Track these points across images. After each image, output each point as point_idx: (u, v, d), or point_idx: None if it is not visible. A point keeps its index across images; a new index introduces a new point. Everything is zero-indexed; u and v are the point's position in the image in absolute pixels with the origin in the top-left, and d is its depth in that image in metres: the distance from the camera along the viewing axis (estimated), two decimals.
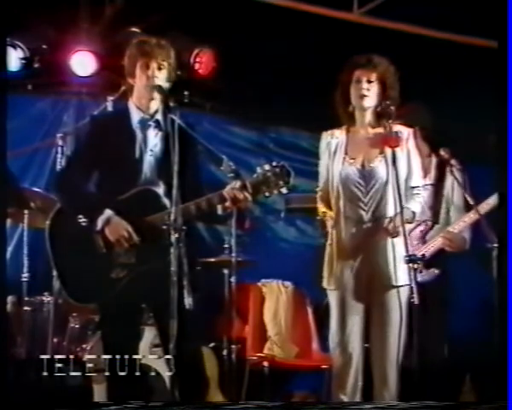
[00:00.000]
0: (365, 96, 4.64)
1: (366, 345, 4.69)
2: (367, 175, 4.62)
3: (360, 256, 4.60)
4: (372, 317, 4.64)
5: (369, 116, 4.70)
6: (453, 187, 5.45)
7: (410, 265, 4.33)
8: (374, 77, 4.64)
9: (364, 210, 4.62)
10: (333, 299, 4.68)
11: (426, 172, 5.17)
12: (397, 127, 4.63)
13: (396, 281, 4.57)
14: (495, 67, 4.44)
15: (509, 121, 4.28)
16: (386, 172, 4.59)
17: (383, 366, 4.59)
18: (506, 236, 4.29)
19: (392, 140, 4.56)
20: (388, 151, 4.58)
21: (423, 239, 5.25)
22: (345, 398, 4.58)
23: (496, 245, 5.08)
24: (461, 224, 5.27)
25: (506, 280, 4.26)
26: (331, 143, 4.72)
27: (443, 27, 6.66)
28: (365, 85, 4.64)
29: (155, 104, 4.56)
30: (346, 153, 4.67)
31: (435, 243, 5.26)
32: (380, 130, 4.66)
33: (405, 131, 4.68)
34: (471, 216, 5.21)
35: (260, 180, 4.38)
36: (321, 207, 4.76)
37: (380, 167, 4.61)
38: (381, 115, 4.66)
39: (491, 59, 4.76)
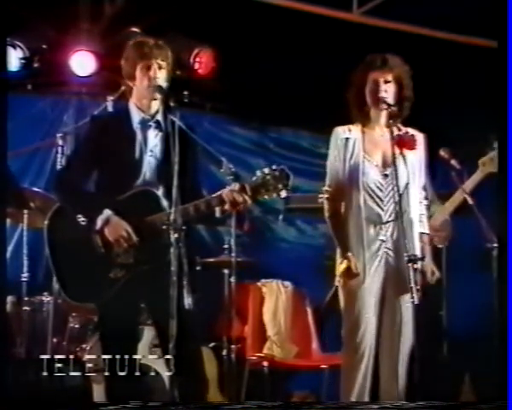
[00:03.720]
0: (383, 97, 4.63)
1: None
2: (388, 175, 4.61)
3: (379, 256, 4.60)
4: (385, 317, 4.62)
5: (384, 116, 4.68)
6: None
7: (410, 265, 4.34)
8: (390, 77, 4.63)
9: (383, 209, 4.61)
10: (347, 296, 4.66)
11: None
12: (410, 131, 4.63)
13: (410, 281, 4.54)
14: (495, 67, 4.44)
15: (509, 121, 4.27)
16: (406, 174, 4.57)
17: (394, 366, 4.58)
18: (506, 236, 4.29)
19: (410, 142, 4.57)
20: (407, 153, 4.58)
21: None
22: (353, 398, 4.57)
23: (496, 245, 5.08)
24: (447, 208, 5.22)
25: (506, 280, 4.25)
26: (349, 138, 4.68)
27: (443, 27, 6.66)
28: (383, 87, 4.63)
29: (156, 105, 4.56)
30: (364, 150, 4.66)
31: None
32: (395, 130, 4.63)
33: (418, 136, 4.68)
34: (457, 196, 5.17)
35: (259, 183, 4.37)
36: (331, 206, 4.71)
37: (400, 168, 4.58)
38: (396, 116, 4.64)
39: (491, 59, 4.76)
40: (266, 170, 4.38)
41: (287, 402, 6.11)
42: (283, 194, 4.38)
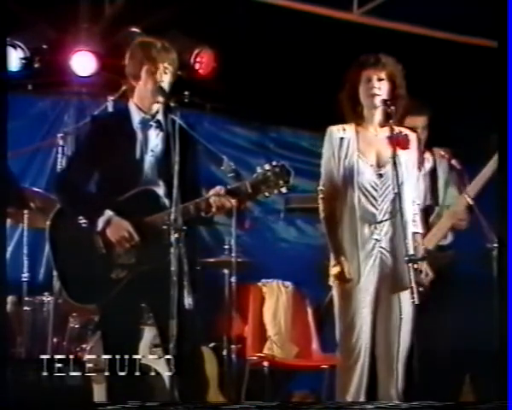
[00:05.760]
0: (377, 94, 4.63)
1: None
2: (383, 174, 4.62)
3: (373, 255, 4.60)
4: (381, 316, 4.62)
5: (378, 115, 4.69)
6: (449, 170, 5.45)
7: (410, 265, 4.33)
8: (384, 75, 4.64)
9: (378, 209, 4.61)
10: (342, 296, 4.66)
11: (420, 166, 5.14)
12: (403, 130, 4.64)
13: (408, 280, 4.54)
14: (495, 67, 4.44)
15: (509, 121, 4.27)
16: (400, 173, 4.57)
17: (391, 365, 4.58)
18: (506, 236, 4.29)
19: (403, 142, 4.57)
20: (401, 153, 4.58)
21: (427, 223, 5.22)
22: (349, 398, 4.57)
23: (496, 245, 5.08)
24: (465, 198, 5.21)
25: (506, 280, 4.26)
26: (344, 137, 4.69)
27: (443, 27, 6.66)
28: (376, 84, 4.63)
29: (157, 105, 4.56)
30: (358, 150, 4.67)
31: (443, 226, 5.22)
32: (388, 129, 4.64)
33: (411, 135, 4.68)
34: (477, 181, 5.18)
35: (260, 180, 4.37)
36: (326, 207, 4.71)
37: (395, 168, 4.58)
38: (390, 115, 4.65)
39: (491, 59, 4.76)
40: (267, 166, 4.38)
41: (287, 402, 6.11)
42: (284, 190, 4.39)
